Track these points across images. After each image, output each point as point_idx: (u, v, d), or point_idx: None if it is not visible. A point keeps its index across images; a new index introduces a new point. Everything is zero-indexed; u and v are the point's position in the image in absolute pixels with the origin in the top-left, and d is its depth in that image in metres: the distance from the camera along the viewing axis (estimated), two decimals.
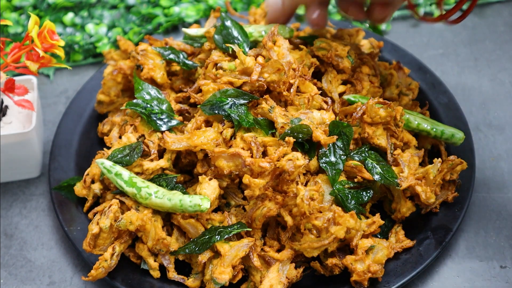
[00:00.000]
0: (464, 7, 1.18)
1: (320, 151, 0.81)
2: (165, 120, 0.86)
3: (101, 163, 0.82)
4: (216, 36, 0.89)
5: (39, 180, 0.95)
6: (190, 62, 0.92)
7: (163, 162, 0.83)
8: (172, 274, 0.79)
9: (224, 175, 0.81)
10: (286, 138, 0.78)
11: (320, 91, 0.87)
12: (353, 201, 0.80)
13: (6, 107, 0.91)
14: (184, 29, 0.94)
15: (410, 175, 0.83)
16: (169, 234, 0.82)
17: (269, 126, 0.82)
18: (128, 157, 0.83)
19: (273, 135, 0.81)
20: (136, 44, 1.05)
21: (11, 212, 0.92)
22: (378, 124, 0.84)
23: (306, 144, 0.81)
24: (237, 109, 0.82)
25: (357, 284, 0.78)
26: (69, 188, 0.88)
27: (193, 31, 0.94)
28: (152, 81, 0.91)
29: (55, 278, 0.85)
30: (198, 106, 0.84)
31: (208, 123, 0.84)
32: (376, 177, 0.81)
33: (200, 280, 0.79)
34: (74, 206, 0.87)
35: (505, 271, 0.84)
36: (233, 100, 0.82)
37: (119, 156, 0.83)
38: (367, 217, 0.82)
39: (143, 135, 0.86)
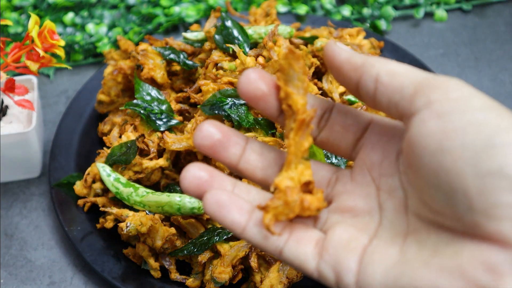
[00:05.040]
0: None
1: None
2: (165, 120, 0.86)
3: (102, 167, 0.82)
4: (216, 36, 0.89)
5: (39, 180, 0.95)
6: (190, 62, 0.92)
7: (162, 161, 0.83)
8: (175, 275, 0.79)
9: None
10: None
11: (321, 91, 0.87)
12: None
13: (6, 107, 0.91)
14: (183, 34, 0.95)
15: None
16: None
17: (269, 126, 0.82)
18: (125, 156, 0.83)
19: (273, 135, 0.81)
20: (136, 44, 1.05)
21: (11, 212, 0.92)
22: None
23: None
24: (237, 109, 0.82)
25: None
26: (69, 186, 0.88)
27: (193, 35, 0.94)
28: (152, 81, 0.91)
29: (55, 278, 0.84)
30: (198, 106, 0.84)
31: None
32: None
33: (200, 280, 0.79)
34: (74, 206, 0.87)
35: None
36: (233, 100, 0.82)
37: (118, 154, 0.83)
38: None
39: (142, 135, 0.86)
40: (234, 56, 0.88)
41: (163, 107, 0.87)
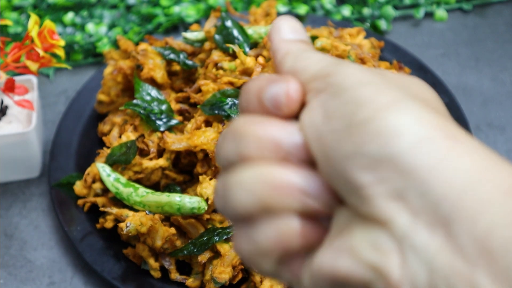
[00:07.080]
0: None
1: None
2: (164, 120, 0.86)
3: (102, 167, 0.82)
4: (216, 36, 0.89)
5: (39, 180, 0.95)
6: (190, 62, 0.92)
7: (162, 161, 0.83)
8: (175, 275, 0.79)
9: None
10: None
11: None
12: None
13: (6, 107, 0.91)
14: (183, 34, 0.95)
15: None
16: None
17: None
18: (125, 156, 0.83)
19: None
20: (136, 44, 1.05)
21: (11, 212, 0.92)
22: None
23: None
24: (237, 109, 0.82)
25: None
26: (68, 186, 0.88)
27: (193, 35, 0.94)
28: (152, 81, 0.91)
29: (55, 278, 0.84)
30: (198, 106, 0.84)
31: (208, 123, 0.84)
32: None
33: (200, 280, 0.79)
34: (74, 206, 0.87)
35: None
36: (233, 100, 0.82)
37: (118, 154, 0.83)
38: None
39: (142, 135, 0.86)
40: (234, 56, 0.87)
41: (163, 107, 0.87)
